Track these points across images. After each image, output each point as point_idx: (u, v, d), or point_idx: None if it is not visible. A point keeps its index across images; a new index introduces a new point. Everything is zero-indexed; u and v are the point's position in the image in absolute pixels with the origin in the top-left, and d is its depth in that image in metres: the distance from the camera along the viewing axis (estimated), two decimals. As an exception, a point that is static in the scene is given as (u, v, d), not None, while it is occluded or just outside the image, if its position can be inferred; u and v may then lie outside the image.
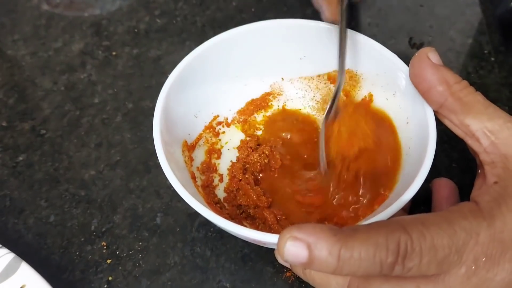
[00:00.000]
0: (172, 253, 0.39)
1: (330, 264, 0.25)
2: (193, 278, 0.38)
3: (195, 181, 0.38)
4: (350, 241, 0.25)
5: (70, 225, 0.41)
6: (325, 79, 0.44)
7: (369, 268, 0.25)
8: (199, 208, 0.32)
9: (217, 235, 0.40)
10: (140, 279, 0.38)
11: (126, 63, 0.53)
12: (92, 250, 0.40)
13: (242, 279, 0.38)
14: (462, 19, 0.55)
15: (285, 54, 0.44)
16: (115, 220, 0.41)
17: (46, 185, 0.44)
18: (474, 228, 0.27)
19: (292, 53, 0.44)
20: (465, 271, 0.27)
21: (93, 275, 0.38)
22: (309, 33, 0.42)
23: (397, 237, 0.25)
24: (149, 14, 0.57)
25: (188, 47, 0.53)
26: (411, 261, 0.26)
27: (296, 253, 0.25)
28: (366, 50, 0.40)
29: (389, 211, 0.31)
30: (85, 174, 0.44)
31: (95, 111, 0.49)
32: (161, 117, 0.36)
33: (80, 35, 0.55)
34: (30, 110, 0.49)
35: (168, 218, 0.41)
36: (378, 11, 0.57)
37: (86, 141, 0.46)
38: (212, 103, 0.43)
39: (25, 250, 0.39)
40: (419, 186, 0.32)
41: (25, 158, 0.45)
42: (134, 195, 0.43)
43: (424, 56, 0.33)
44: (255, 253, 0.39)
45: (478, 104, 0.32)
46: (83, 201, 0.43)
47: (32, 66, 0.53)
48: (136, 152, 0.45)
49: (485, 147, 0.31)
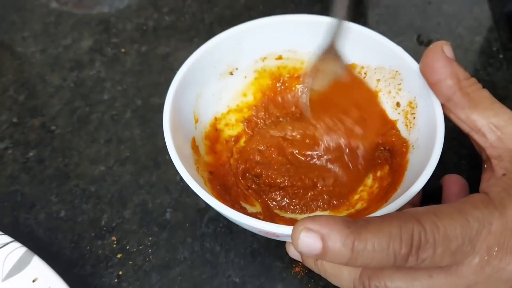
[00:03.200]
0: (182, 248, 0.40)
1: (344, 255, 0.25)
2: (203, 273, 0.38)
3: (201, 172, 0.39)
4: (363, 232, 0.25)
5: (81, 220, 0.42)
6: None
7: (383, 259, 0.25)
8: (211, 201, 0.32)
9: (226, 230, 0.40)
10: (150, 274, 0.38)
11: (135, 60, 0.53)
12: (102, 245, 0.40)
13: (251, 274, 0.38)
14: (470, 16, 0.55)
15: (291, 49, 0.44)
16: (125, 216, 0.42)
17: (56, 181, 0.44)
18: (486, 217, 0.28)
19: (303, 48, 0.44)
20: (478, 261, 0.28)
21: (103, 269, 0.39)
22: (319, 29, 0.42)
23: (410, 228, 0.26)
24: (157, 11, 0.58)
25: (196, 44, 0.53)
26: (425, 252, 0.26)
27: (310, 244, 0.25)
28: (371, 43, 0.40)
29: (399, 201, 0.31)
30: (95, 170, 0.45)
31: (105, 107, 0.49)
32: (170, 113, 0.36)
33: (89, 32, 0.56)
34: (40, 107, 0.49)
35: (177, 214, 0.41)
36: (386, 9, 0.57)
37: (95, 137, 0.47)
38: (219, 99, 0.44)
39: (36, 244, 0.39)
40: (429, 176, 0.32)
41: (36, 154, 0.46)
42: (144, 190, 0.43)
43: (439, 48, 0.33)
44: (264, 248, 0.39)
45: (484, 100, 0.32)
46: (93, 197, 0.43)
47: (42, 63, 0.53)
48: (146, 148, 0.46)
49: (491, 142, 0.32)
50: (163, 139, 0.46)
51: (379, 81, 0.42)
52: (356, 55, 0.42)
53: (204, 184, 0.37)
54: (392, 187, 0.37)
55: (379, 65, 0.41)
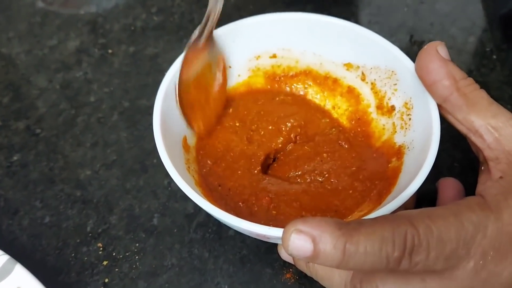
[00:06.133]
0: (170, 254, 0.39)
1: (335, 258, 0.24)
2: (191, 280, 0.37)
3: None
4: (355, 235, 0.24)
5: (66, 226, 0.40)
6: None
7: (375, 262, 0.25)
8: (201, 202, 0.31)
9: (215, 236, 0.39)
10: (137, 281, 0.37)
11: (122, 61, 0.52)
12: (88, 252, 0.39)
13: (240, 281, 0.37)
14: (464, 16, 0.55)
15: (285, 47, 0.43)
16: (111, 221, 0.41)
17: (41, 185, 0.43)
18: (482, 221, 0.27)
19: (298, 46, 0.43)
20: (473, 265, 0.27)
21: (89, 277, 0.38)
22: (314, 27, 0.41)
23: (403, 231, 0.25)
24: (145, 11, 0.56)
25: (185, 45, 0.52)
26: (418, 255, 0.25)
27: (300, 247, 0.25)
28: (366, 42, 0.40)
29: (393, 204, 0.30)
30: (81, 174, 0.43)
31: (91, 110, 0.48)
32: (161, 113, 0.35)
33: (76, 32, 0.55)
34: (25, 109, 0.48)
35: (165, 219, 0.40)
36: (378, 9, 0.56)
37: (81, 140, 0.46)
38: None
39: (19, 251, 0.39)
40: (425, 177, 0.31)
41: (20, 157, 0.45)
42: (131, 195, 0.42)
43: (433, 49, 0.33)
44: (253, 254, 0.38)
45: (482, 100, 0.32)
46: (78, 202, 0.42)
47: (27, 64, 0.52)
48: (133, 152, 0.45)
49: (488, 143, 0.31)
50: (150, 142, 0.45)
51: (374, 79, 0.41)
52: (351, 55, 0.41)
53: (194, 185, 0.36)
54: (387, 190, 0.36)
55: (374, 65, 0.40)
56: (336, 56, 0.42)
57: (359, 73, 0.42)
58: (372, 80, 0.41)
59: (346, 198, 0.37)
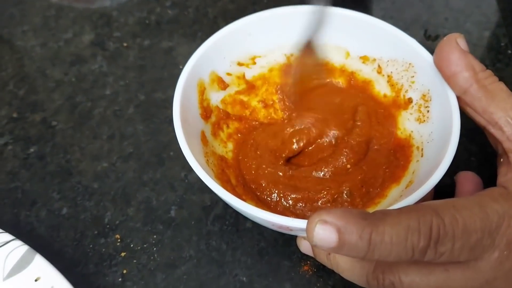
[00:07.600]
0: (187, 246, 0.39)
1: (361, 248, 0.24)
2: (209, 272, 0.37)
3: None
4: (381, 225, 0.24)
5: (83, 218, 0.41)
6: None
7: (401, 252, 0.25)
8: (222, 192, 0.31)
9: (232, 228, 0.39)
10: (155, 273, 0.38)
11: (137, 55, 0.52)
12: (105, 243, 0.39)
13: (258, 273, 0.37)
14: (478, 11, 0.54)
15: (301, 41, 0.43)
16: (128, 213, 0.41)
17: (58, 177, 0.43)
18: (506, 210, 0.27)
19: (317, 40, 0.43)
20: (497, 255, 0.27)
21: (107, 268, 0.38)
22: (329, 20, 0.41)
23: (429, 221, 0.25)
24: (160, 5, 0.57)
25: (200, 39, 0.52)
26: (444, 245, 0.25)
27: (325, 237, 0.24)
28: (383, 35, 0.40)
29: (416, 194, 0.30)
30: (98, 166, 0.44)
31: (107, 102, 0.48)
32: (180, 107, 0.35)
33: (90, 26, 0.55)
34: (41, 102, 0.48)
35: (182, 211, 0.41)
36: (392, 3, 0.56)
37: (98, 133, 0.46)
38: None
39: (38, 242, 0.38)
40: (447, 168, 0.31)
41: (37, 149, 0.45)
42: (148, 187, 0.42)
43: (453, 41, 0.33)
44: (271, 246, 0.38)
45: (501, 92, 0.32)
46: (96, 194, 0.42)
47: (42, 57, 0.52)
48: (149, 144, 0.45)
49: (508, 135, 0.31)
50: (167, 135, 0.45)
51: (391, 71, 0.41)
52: (368, 47, 0.41)
53: (214, 178, 0.36)
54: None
55: (391, 58, 0.40)
56: (352, 49, 0.42)
57: (375, 66, 0.42)
58: (389, 72, 0.41)
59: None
